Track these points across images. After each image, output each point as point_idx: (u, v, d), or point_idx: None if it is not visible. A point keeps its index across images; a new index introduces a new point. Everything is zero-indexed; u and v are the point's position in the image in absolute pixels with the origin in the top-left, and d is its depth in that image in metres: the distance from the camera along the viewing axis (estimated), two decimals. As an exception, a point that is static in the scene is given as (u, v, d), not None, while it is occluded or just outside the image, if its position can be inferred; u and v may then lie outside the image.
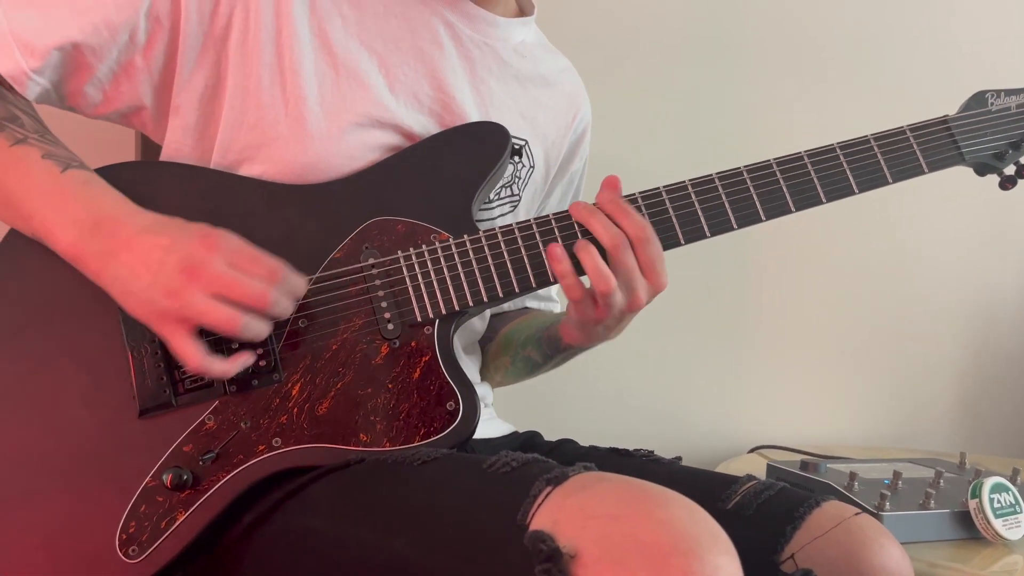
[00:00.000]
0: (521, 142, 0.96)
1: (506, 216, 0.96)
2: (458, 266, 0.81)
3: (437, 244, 0.81)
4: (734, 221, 0.83)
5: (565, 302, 0.83)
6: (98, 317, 0.77)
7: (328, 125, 0.83)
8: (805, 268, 1.57)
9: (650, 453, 0.91)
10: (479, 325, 1.01)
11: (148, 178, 0.79)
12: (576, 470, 0.60)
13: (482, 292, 0.80)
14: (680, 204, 0.82)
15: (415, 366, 0.78)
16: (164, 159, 0.86)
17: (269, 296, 0.72)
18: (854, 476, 1.01)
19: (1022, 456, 1.55)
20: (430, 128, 0.88)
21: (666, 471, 0.86)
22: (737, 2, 1.53)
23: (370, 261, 0.81)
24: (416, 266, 0.81)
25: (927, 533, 0.96)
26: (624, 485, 0.57)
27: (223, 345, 0.76)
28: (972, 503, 0.96)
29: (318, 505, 0.71)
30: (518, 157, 0.96)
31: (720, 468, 1.29)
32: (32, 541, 0.72)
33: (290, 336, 0.78)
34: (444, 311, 0.80)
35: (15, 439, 0.74)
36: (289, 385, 0.77)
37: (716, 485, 0.80)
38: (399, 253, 0.81)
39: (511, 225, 0.82)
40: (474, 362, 1.01)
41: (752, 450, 1.46)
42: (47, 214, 0.75)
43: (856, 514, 0.75)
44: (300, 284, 0.76)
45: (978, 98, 0.89)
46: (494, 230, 0.82)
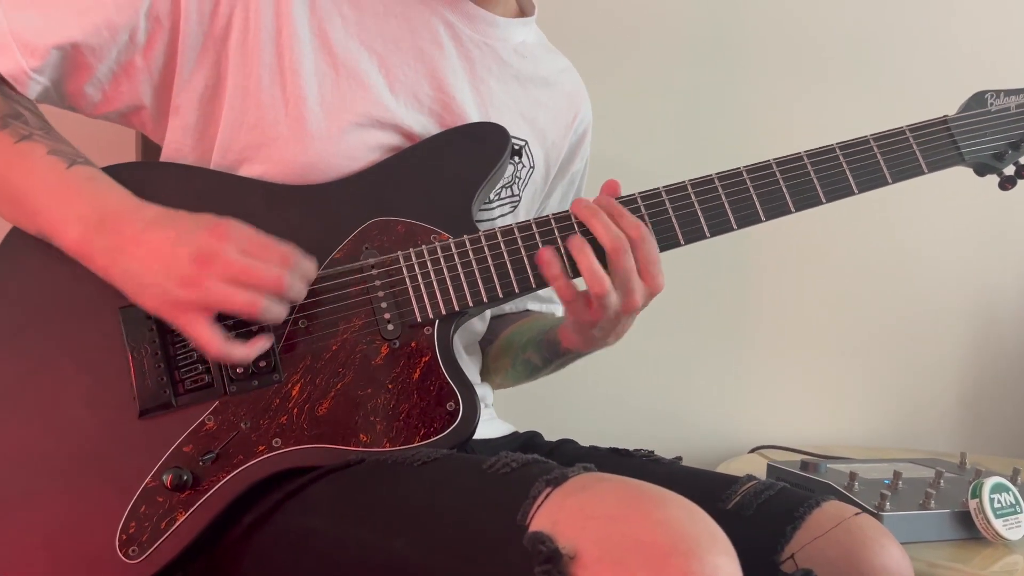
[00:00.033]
0: (521, 142, 0.96)
1: (506, 216, 0.96)
2: (458, 266, 0.81)
3: (437, 244, 0.82)
4: (734, 222, 0.83)
5: (565, 305, 0.83)
6: (98, 317, 0.77)
7: (328, 125, 0.83)
8: (805, 268, 1.56)
9: (650, 453, 0.91)
10: (479, 326, 1.01)
11: (148, 179, 0.79)
12: (576, 471, 0.60)
13: (482, 293, 0.80)
14: (680, 204, 0.82)
15: (415, 366, 0.78)
16: (164, 159, 0.86)
17: (285, 280, 0.72)
18: (854, 476, 1.01)
19: (1022, 456, 1.55)
20: (430, 128, 0.88)
21: (666, 471, 0.86)
22: (737, 2, 1.53)
23: (370, 261, 0.81)
24: (416, 266, 0.81)
25: (927, 533, 0.96)
26: (623, 486, 0.58)
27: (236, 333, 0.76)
28: (972, 503, 0.96)
29: (318, 505, 0.71)
30: (518, 157, 0.96)
31: (721, 468, 1.29)
32: (32, 541, 0.72)
33: (290, 336, 0.78)
34: (444, 311, 0.80)
35: (15, 439, 0.74)
36: (289, 385, 0.77)
37: (716, 485, 0.81)
38: (399, 253, 0.81)
39: (511, 226, 0.82)
40: (474, 363, 1.01)
41: (752, 450, 1.46)
42: (53, 211, 0.75)
43: (856, 514, 0.75)
44: (311, 268, 0.77)
45: (977, 98, 0.89)
46: (494, 231, 0.82)
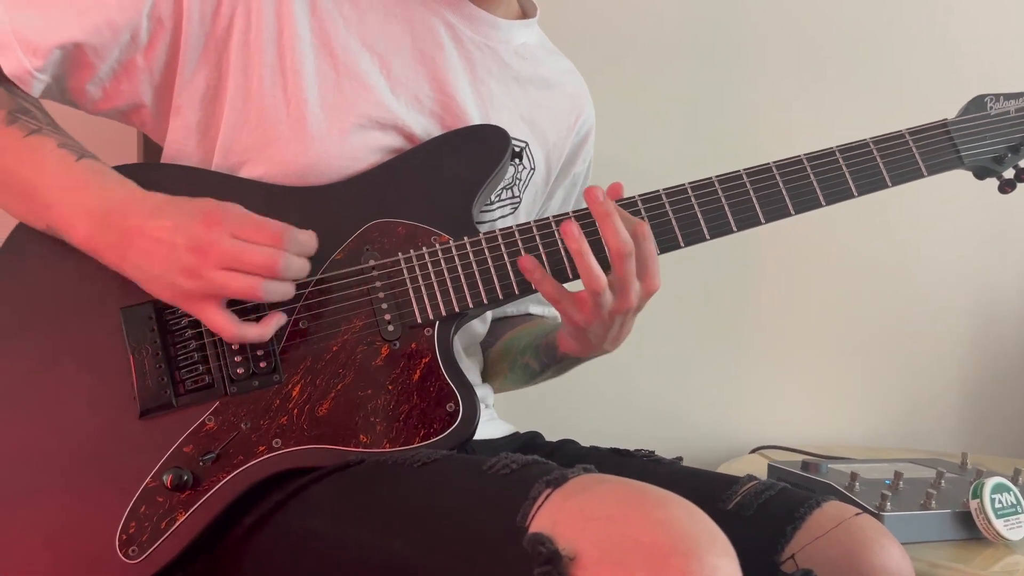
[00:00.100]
0: (521, 144, 0.96)
1: (506, 218, 0.96)
2: (458, 268, 0.81)
3: (437, 246, 0.82)
4: (733, 224, 0.83)
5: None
6: (100, 317, 0.77)
7: (329, 126, 0.83)
8: (805, 268, 1.56)
9: (651, 454, 0.91)
10: (480, 328, 1.01)
11: (150, 180, 0.79)
12: (575, 472, 0.60)
13: (482, 294, 0.81)
14: (679, 207, 0.82)
15: (415, 367, 0.78)
16: (166, 159, 0.86)
17: (279, 261, 0.73)
18: (855, 476, 1.01)
19: (1023, 456, 1.55)
20: (431, 129, 0.89)
21: (667, 472, 0.86)
22: (737, 2, 1.53)
23: (371, 263, 0.81)
24: (416, 268, 0.81)
25: (928, 533, 0.96)
26: (623, 487, 0.58)
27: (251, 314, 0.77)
28: (973, 503, 0.96)
29: (318, 506, 0.71)
30: (518, 159, 0.96)
31: (722, 469, 1.29)
32: (32, 541, 0.72)
33: (291, 337, 0.78)
34: (444, 313, 0.80)
35: (16, 439, 0.74)
36: (289, 386, 0.77)
37: (717, 485, 0.81)
38: (399, 255, 0.81)
39: (511, 227, 0.82)
40: (475, 364, 1.01)
41: (753, 450, 1.46)
42: (64, 206, 0.75)
43: (857, 514, 0.75)
44: (309, 240, 0.76)
45: (977, 102, 0.89)
46: (494, 232, 0.82)
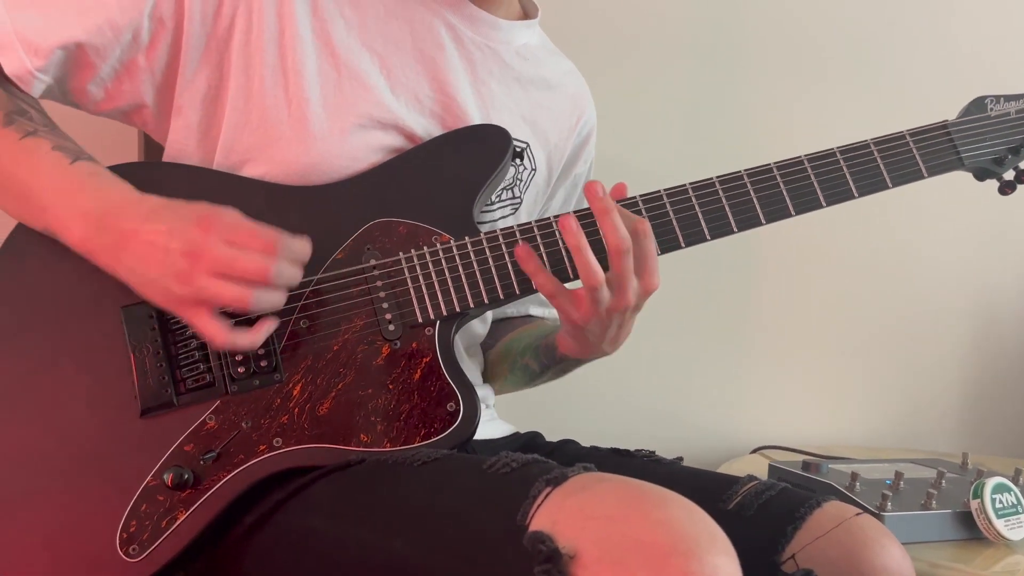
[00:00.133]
0: (522, 145, 0.96)
1: (507, 219, 0.96)
2: (459, 268, 0.81)
3: (438, 246, 0.82)
4: (734, 224, 0.83)
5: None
6: (100, 317, 0.77)
7: (330, 126, 0.83)
8: (805, 268, 1.56)
9: (651, 454, 0.91)
10: (480, 328, 1.01)
11: (151, 179, 0.79)
12: (576, 471, 0.60)
13: (483, 294, 0.81)
14: (680, 207, 0.82)
15: (416, 367, 0.79)
16: (167, 159, 0.86)
17: (270, 270, 0.72)
18: (856, 476, 1.01)
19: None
20: (431, 130, 0.89)
21: (667, 472, 0.86)
22: (737, 2, 1.53)
23: (372, 262, 0.81)
24: (417, 267, 0.81)
25: (929, 533, 0.96)
26: (623, 486, 0.58)
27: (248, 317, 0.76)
28: (974, 503, 0.96)
29: (319, 505, 0.71)
30: (519, 160, 0.96)
31: (722, 469, 1.29)
32: (33, 540, 0.72)
33: (292, 336, 0.78)
34: (445, 312, 0.80)
35: (16, 438, 0.74)
36: (290, 385, 0.77)
37: (717, 485, 0.81)
38: (400, 255, 0.81)
39: (512, 227, 0.82)
40: (475, 364, 1.01)
41: (754, 451, 1.46)
42: (58, 208, 0.75)
43: (857, 514, 0.75)
44: (302, 248, 0.76)
45: (977, 103, 0.89)
46: (495, 232, 0.82)
